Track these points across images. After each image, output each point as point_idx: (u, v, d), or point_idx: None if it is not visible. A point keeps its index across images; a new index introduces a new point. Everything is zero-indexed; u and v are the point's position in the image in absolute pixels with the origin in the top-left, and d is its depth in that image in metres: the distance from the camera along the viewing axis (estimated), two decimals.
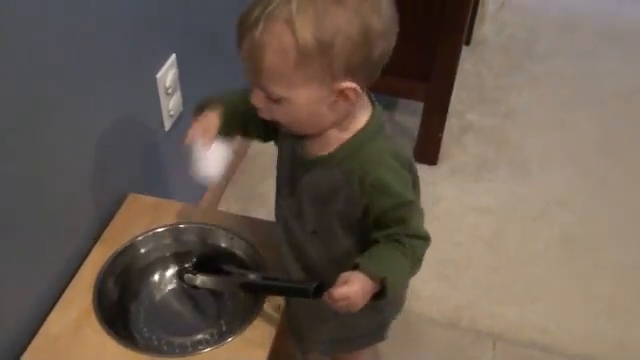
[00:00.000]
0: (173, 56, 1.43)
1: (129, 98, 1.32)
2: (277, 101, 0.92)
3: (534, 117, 2.33)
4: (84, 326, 1.12)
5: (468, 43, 2.57)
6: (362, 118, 0.98)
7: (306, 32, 0.84)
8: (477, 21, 2.59)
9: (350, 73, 0.89)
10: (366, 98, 1.00)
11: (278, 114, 0.95)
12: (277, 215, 1.16)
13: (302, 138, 1.01)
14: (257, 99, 0.95)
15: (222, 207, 1.90)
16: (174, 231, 1.27)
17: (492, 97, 2.40)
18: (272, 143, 1.16)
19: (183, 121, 1.54)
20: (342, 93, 0.90)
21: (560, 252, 1.85)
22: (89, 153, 1.22)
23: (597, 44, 2.69)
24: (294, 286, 1.10)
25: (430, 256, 1.22)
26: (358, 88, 0.90)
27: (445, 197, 1.98)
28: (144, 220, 1.29)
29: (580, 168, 2.11)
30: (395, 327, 1.25)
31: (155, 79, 1.38)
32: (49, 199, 1.13)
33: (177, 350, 1.16)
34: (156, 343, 1.17)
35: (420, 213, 1.02)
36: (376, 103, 1.01)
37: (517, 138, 2.23)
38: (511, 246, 1.86)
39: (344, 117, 0.96)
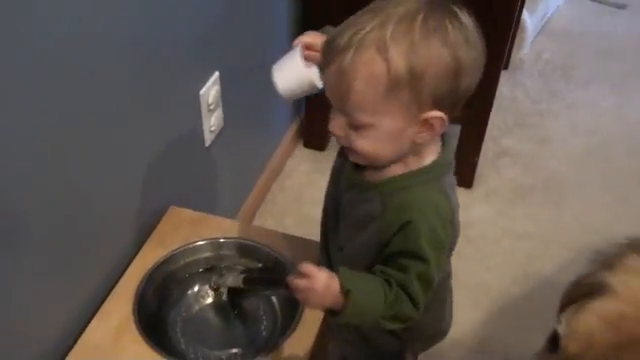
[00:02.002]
0: (216, 73, 1.46)
1: (172, 114, 1.35)
2: (358, 128, 0.91)
3: (570, 144, 2.31)
4: (123, 335, 1.14)
5: (506, 67, 2.57)
6: (427, 157, 0.97)
7: (399, 61, 0.84)
8: (515, 46, 2.59)
9: (439, 102, 0.88)
10: (438, 140, 0.98)
11: (357, 142, 0.92)
12: (321, 223, 1.16)
13: (359, 166, 0.99)
14: (336, 126, 0.93)
15: (257, 223, 1.92)
16: (214, 245, 1.28)
17: (528, 122, 2.39)
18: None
19: (223, 137, 1.57)
20: (426, 123, 0.89)
21: None
22: (132, 167, 1.25)
23: (636, 72, 2.68)
24: (271, 277, 1.13)
25: (463, 280, 1.23)
26: (445, 117, 0.89)
27: (480, 221, 1.98)
28: (183, 233, 1.31)
29: (617, 196, 2.09)
30: None
31: (198, 96, 1.41)
32: (93, 212, 1.16)
33: None
34: (192, 356, 1.19)
35: (427, 281, 0.96)
36: (447, 146, 0.99)
37: (553, 164, 2.22)
38: (546, 273, 1.85)
39: (415, 150, 0.94)
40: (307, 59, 1.05)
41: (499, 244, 1.92)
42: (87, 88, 1.05)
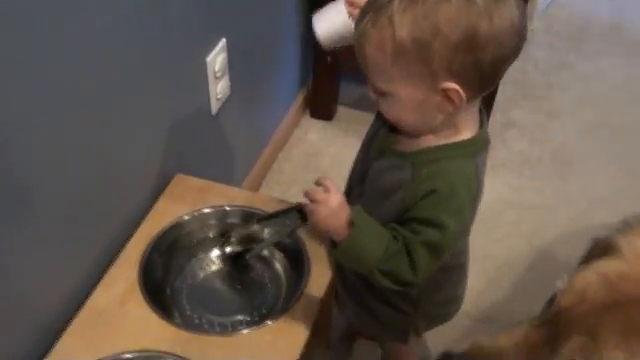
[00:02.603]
0: (223, 40, 1.44)
1: (179, 81, 1.34)
2: (382, 95, 0.93)
3: (579, 116, 2.30)
4: (129, 301, 1.14)
5: None
6: (463, 134, 0.96)
7: (403, 30, 0.85)
8: (526, 17, 2.56)
9: (455, 75, 0.87)
10: (476, 117, 0.98)
11: (384, 108, 0.96)
12: (345, 191, 1.16)
13: (395, 129, 1.00)
14: (371, 93, 0.96)
15: (263, 192, 1.92)
16: (219, 213, 1.29)
17: (537, 94, 2.38)
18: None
19: (230, 105, 1.56)
20: (445, 95, 0.89)
21: None
22: (138, 134, 1.24)
23: None
24: (285, 208, 1.13)
25: (470, 250, 1.23)
26: (461, 91, 0.88)
27: (486, 192, 1.94)
28: (189, 201, 1.31)
29: (624, 170, 2.08)
30: None
31: (205, 63, 1.40)
32: (99, 179, 1.15)
33: (217, 329, 1.18)
34: (197, 321, 1.19)
35: (436, 251, 0.95)
36: (484, 128, 0.99)
37: (561, 137, 2.21)
38: (551, 245, 1.85)
39: (448, 123, 0.94)
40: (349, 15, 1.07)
41: (505, 216, 1.92)
42: (93, 55, 1.04)
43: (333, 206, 0.94)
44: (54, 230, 1.07)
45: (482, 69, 0.87)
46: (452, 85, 0.88)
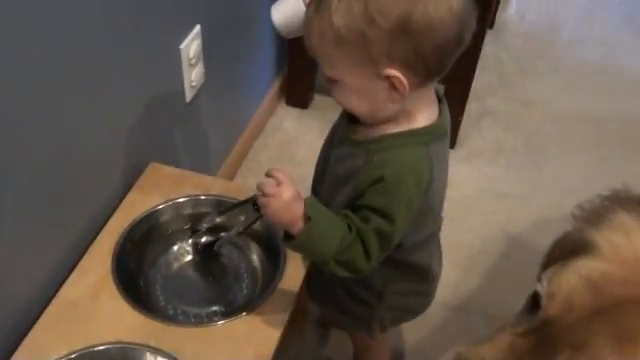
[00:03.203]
0: (197, 27, 1.42)
1: (152, 68, 1.31)
2: (332, 82, 0.94)
3: (554, 105, 2.31)
4: (102, 292, 1.12)
5: (491, 27, 2.55)
6: (417, 122, 0.97)
7: (339, 18, 0.86)
8: (500, 5, 2.56)
9: (396, 62, 0.88)
10: (434, 105, 0.98)
11: (335, 95, 0.97)
12: (313, 179, 1.17)
13: (355, 119, 1.01)
14: (324, 78, 0.97)
15: (238, 181, 1.91)
16: (194, 202, 1.27)
17: (512, 83, 2.39)
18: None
19: (204, 93, 1.54)
20: (389, 81, 0.90)
21: None
22: (111, 121, 1.22)
23: (619, 34, 2.67)
24: (242, 200, 1.13)
25: (444, 239, 1.23)
26: (402, 77, 0.88)
27: (461, 181, 1.98)
28: (163, 190, 1.29)
29: (599, 158, 2.10)
30: None
31: (179, 50, 1.38)
32: (70, 166, 1.13)
33: (192, 320, 1.17)
34: (171, 312, 1.18)
35: (386, 239, 0.96)
36: (443, 117, 0.99)
37: (536, 125, 2.22)
38: (526, 234, 1.86)
39: (402, 111, 0.95)
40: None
41: (480, 204, 1.93)
42: (62, 38, 1.01)
43: (285, 199, 0.93)
44: (21, 220, 1.04)
45: (424, 56, 0.88)
46: (393, 72, 0.89)
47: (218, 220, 1.23)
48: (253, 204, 1.00)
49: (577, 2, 2.83)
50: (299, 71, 2.07)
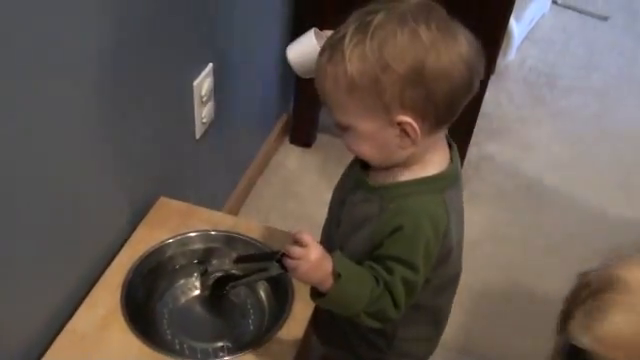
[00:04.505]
0: (210, 65, 1.45)
1: (165, 103, 1.34)
2: (343, 129, 0.95)
3: (553, 151, 2.35)
4: (110, 325, 1.13)
5: (492, 72, 2.58)
6: (430, 169, 0.97)
7: (353, 65, 0.88)
8: (501, 51, 2.61)
9: (408, 109, 0.89)
10: (445, 151, 1.00)
11: (347, 142, 0.97)
12: (324, 225, 1.17)
13: (367, 164, 1.01)
14: (335, 125, 0.97)
15: (241, 217, 1.92)
16: (203, 237, 1.28)
17: (512, 128, 2.42)
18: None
19: (213, 130, 1.56)
20: (402, 128, 0.91)
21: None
22: (123, 156, 1.23)
23: (616, 82, 2.73)
24: (264, 253, 1.15)
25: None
26: (415, 124, 0.89)
27: None
28: (172, 224, 1.30)
29: (599, 205, 2.12)
30: None
31: (192, 87, 1.40)
32: (82, 201, 1.14)
33: (199, 355, 1.17)
34: (178, 347, 1.18)
35: (411, 287, 0.97)
36: (455, 163, 1.00)
37: (535, 171, 2.24)
38: (527, 278, 1.87)
39: (415, 158, 0.96)
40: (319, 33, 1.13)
41: (481, 247, 1.94)
42: (79, 74, 1.03)
43: (313, 260, 0.94)
44: (35, 251, 1.05)
45: (435, 103, 0.89)
46: (406, 119, 0.90)
47: (229, 265, 1.23)
48: (277, 261, 1.00)
49: (576, 50, 2.89)
50: (304, 110, 2.10)
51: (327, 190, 1.17)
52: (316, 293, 0.98)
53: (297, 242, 0.96)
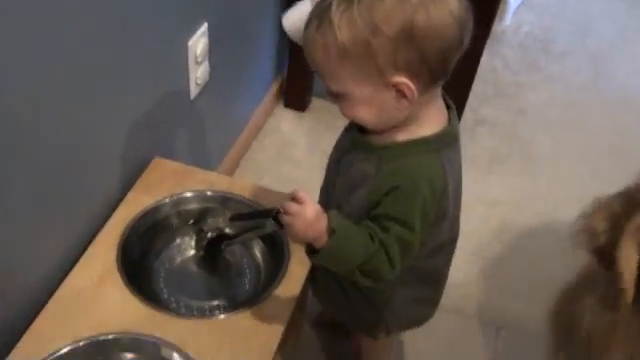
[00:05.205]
0: (205, 25, 1.43)
1: (160, 63, 1.32)
2: (338, 96, 0.94)
3: (547, 115, 2.35)
4: (107, 282, 1.13)
5: (488, 37, 2.58)
6: (428, 127, 0.97)
7: (343, 32, 0.87)
8: (497, 17, 2.59)
9: (402, 69, 0.88)
10: (443, 112, 0.99)
11: (342, 109, 0.97)
12: (322, 185, 1.17)
13: (364, 128, 1.01)
14: (329, 96, 0.97)
15: (237, 178, 1.92)
16: (200, 197, 1.28)
17: (507, 93, 2.42)
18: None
19: (208, 91, 1.55)
20: (398, 89, 0.90)
21: (566, 249, 1.87)
22: (116, 116, 1.23)
23: (610, 48, 2.72)
24: (260, 210, 1.14)
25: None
26: (411, 84, 0.89)
27: None
28: (168, 184, 1.30)
29: (591, 169, 2.13)
30: None
31: (187, 47, 1.39)
32: (77, 159, 1.14)
33: (195, 312, 1.18)
34: (174, 305, 1.19)
35: (406, 247, 0.97)
36: (453, 121, 1.00)
37: (529, 135, 2.25)
38: (518, 241, 1.88)
39: (412, 118, 0.95)
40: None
41: (474, 211, 1.95)
42: (71, 34, 1.01)
43: (309, 217, 0.94)
44: (32, 209, 1.05)
45: (428, 61, 0.89)
46: (401, 79, 0.89)
47: (225, 223, 1.24)
48: (273, 218, 1.00)
49: (571, 16, 2.88)
50: (298, 74, 2.09)
51: (321, 154, 1.18)
52: (311, 250, 0.98)
53: (294, 199, 0.96)
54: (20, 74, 0.93)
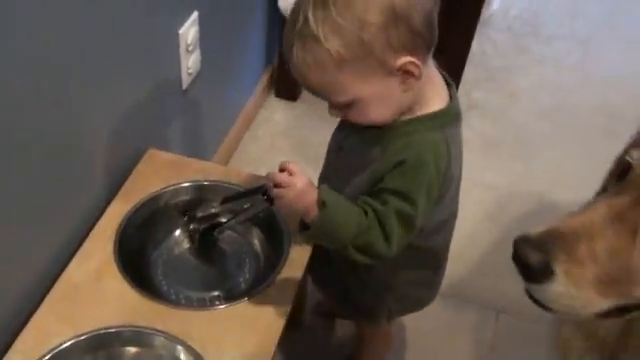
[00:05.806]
0: (196, 13, 1.42)
1: (151, 53, 1.31)
2: (347, 107, 0.93)
3: (538, 98, 2.35)
4: (105, 275, 1.12)
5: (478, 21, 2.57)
6: (433, 104, 0.97)
7: (332, 41, 0.85)
8: (486, 1, 2.58)
9: (401, 50, 0.88)
10: (444, 89, 0.99)
11: (354, 117, 0.95)
12: (323, 167, 1.16)
13: None
14: (333, 112, 0.95)
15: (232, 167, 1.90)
16: (197, 187, 1.26)
17: (498, 76, 2.41)
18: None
19: (200, 81, 1.53)
20: (404, 71, 0.89)
21: None
22: (108, 106, 1.21)
23: (599, 31, 2.72)
24: (250, 189, 1.13)
25: None
26: (414, 60, 0.88)
27: None
28: (162, 176, 1.28)
29: (583, 151, 2.13)
30: None
31: (177, 35, 1.37)
32: (71, 152, 1.12)
33: (195, 303, 1.17)
34: (174, 297, 1.18)
35: (407, 221, 0.96)
36: (455, 98, 1.00)
37: (522, 118, 2.25)
38: (514, 224, 1.88)
39: (416, 97, 0.94)
40: None
41: (469, 195, 1.93)
42: (61, 24, 1.00)
43: (299, 188, 0.94)
44: (27, 202, 1.04)
45: (419, 32, 0.88)
46: (405, 59, 0.89)
47: (216, 209, 1.22)
48: (263, 194, 0.99)
49: None
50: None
51: (313, 144, 1.16)
52: (303, 227, 0.97)
53: (283, 170, 0.95)
54: (5, 66, 0.90)
